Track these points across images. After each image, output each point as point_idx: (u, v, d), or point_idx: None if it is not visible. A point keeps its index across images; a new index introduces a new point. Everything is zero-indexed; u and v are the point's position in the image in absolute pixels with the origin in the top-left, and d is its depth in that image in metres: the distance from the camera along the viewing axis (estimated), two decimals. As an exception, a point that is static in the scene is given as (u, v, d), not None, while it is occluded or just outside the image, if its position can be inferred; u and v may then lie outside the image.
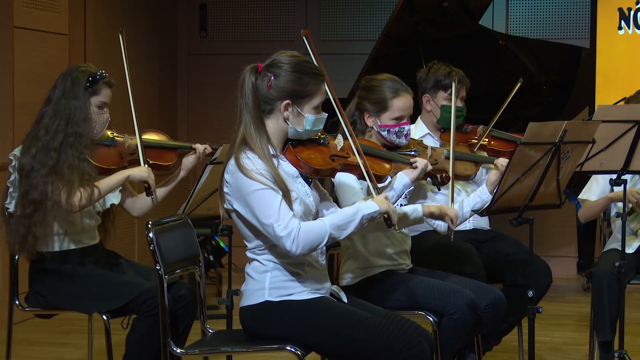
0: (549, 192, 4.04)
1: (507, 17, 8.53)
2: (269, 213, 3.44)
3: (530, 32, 8.36)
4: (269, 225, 3.44)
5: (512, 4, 8.53)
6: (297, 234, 3.43)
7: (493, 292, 4.23)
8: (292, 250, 3.45)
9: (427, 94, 5.10)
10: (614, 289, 4.77)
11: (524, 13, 8.53)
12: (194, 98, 9.14)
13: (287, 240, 3.43)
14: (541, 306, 4.07)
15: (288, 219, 3.44)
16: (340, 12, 8.72)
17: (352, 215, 3.53)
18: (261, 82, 3.55)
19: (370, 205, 3.54)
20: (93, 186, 4.25)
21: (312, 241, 3.46)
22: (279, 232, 3.43)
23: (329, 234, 3.49)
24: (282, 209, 3.45)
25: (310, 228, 3.47)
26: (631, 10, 7.17)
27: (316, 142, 3.69)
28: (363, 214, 3.53)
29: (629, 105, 4.99)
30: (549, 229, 8.06)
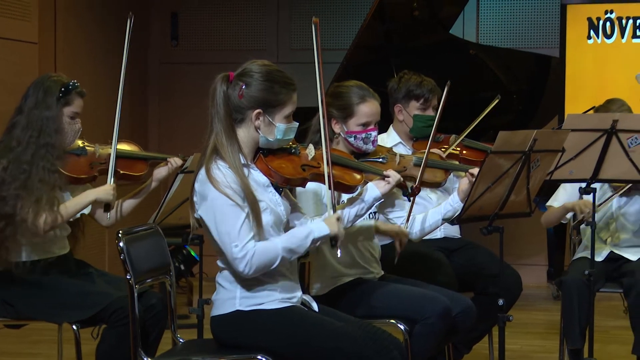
0: (519, 200, 4.06)
1: (478, 26, 8.57)
2: (229, 232, 3.45)
3: (500, 41, 8.40)
4: (227, 243, 3.46)
5: (482, 13, 8.57)
6: (251, 257, 3.46)
7: (463, 300, 4.24)
8: (244, 272, 3.47)
9: (398, 103, 5.11)
10: (584, 297, 4.79)
11: (494, 22, 8.57)
12: (165, 107, 9.12)
13: (240, 263, 3.46)
14: (511, 314, 4.09)
15: (246, 241, 3.46)
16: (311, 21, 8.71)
17: (304, 238, 3.57)
18: (232, 91, 3.55)
19: (322, 228, 3.58)
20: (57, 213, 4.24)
21: (264, 264, 3.49)
22: (235, 254, 3.45)
23: (281, 257, 3.52)
24: (243, 230, 3.46)
25: (265, 250, 3.49)
26: (600, 20, 7.22)
27: (287, 152, 3.69)
28: (314, 237, 3.58)
29: (598, 115, 5.03)
30: (519, 238, 8.09)
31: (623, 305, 5.12)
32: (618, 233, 5.23)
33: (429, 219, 4.29)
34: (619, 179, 4.82)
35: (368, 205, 3.90)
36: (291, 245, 3.55)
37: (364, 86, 4.28)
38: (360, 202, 3.88)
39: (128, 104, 8.63)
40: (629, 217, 5.21)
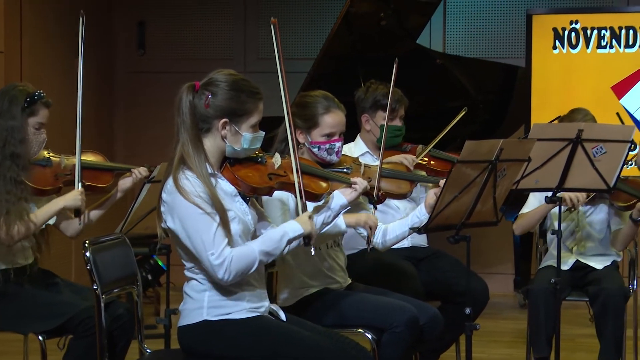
0: (485, 209, 4.07)
1: (444, 36, 8.61)
2: (204, 240, 3.44)
3: (467, 51, 8.44)
4: (202, 252, 3.45)
5: (449, 23, 8.61)
6: (229, 263, 3.45)
7: (430, 310, 4.25)
8: (224, 279, 3.47)
9: (366, 113, 5.12)
10: (550, 305, 4.82)
11: (461, 32, 8.61)
12: (131, 116, 9.08)
13: (219, 270, 3.45)
14: (478, 323, 4.10)
15: (221, 248, 3.45)
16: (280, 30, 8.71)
17: (279, 239, 3.57)
18: (199, 100, 3.54)
19: (295, 227, 3.59)
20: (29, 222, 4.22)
21: (243, 269, 3.49)
22: (213, 261, 3.44)
23: (258, 261, 3.52)
24: (217, 237, 3.45)
25: (242, 255, 3.49)
26: (565, 30, 7.27)
27: (254, 161, 3.70)
28: (289, 237, 3.58)
29: (564, 124, 5.06)
30: (486, 247, 8.13)
31: (589, 314, 5.15)
32: (584, 242, 5.27)
33: (395, 230, 4.30)
34: (584, 188, 4.85)
35: (335, 212, 3.90)
36: (267, 248, 3.55)
37: (329, 96, 4.29)
38: (326, 210, 3.88)
39: (94, 113, 8.59)
40: (594, 225, 5.25)
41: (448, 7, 8.57)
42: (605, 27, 7.23)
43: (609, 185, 4.61)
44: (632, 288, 5.30)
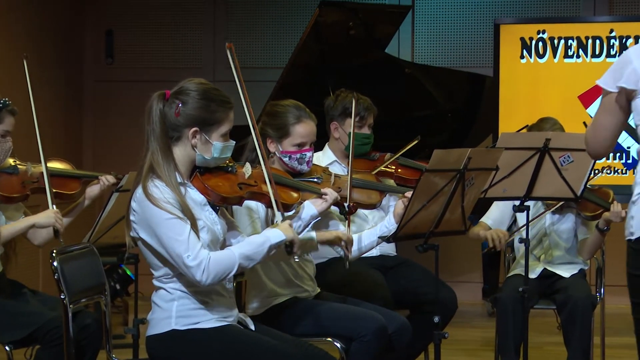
0: (454, 218, 4.08)
1: (413, 45, 8.64)
2: (178, 243, 3.43)
3: (435, 61, 8.47)
4: (178, 255, 3.43)
5: (417, 32, 8.64)
6: (207, 264, 3.43)
7: (399, 318, 4.26)
8: (202, 281, 3.44)
9: (334, 121, 5.13)
10: (518, 313, 4.84)
11: (429, 42, 8.64)
12: (100, 125, 9.05)
13: (197, 271, 3.43)
14: (447, 332, 4.12)
15: (197, 249, 3.43)
16: (248, 39, 8.73)
17: (260, 244, 3.55)
18: (169, 109, 3.54)
19: (277, 234, 3.57)
20: None
21: (222, 271, 3.47)
22: (189, 263, 3.42)
23: (238, 264, 3.50)
24: (191, 239, 3.44)
25: (221, 258, 3.47)
26: (532, 40, 7.31)
27: (224, 170, 3.69)
28: (271, 243, 3.56)
29: (531, 133, 5.09)
30: (454, 255, 8.15)
31: (557, 322, 5.18)
32: (551, 250, 5.30)
33: (364, 239, 4.31)
34: (551, 197, 4.88)
35: (305, 223, 3.91)
36: (247, 252, 3.53)
37: (300, 106, 4.29)
38: (297, 220, 3.90)
39: (63, 122, 8.56)
40: (561, 234, 5.28)
41: (416, 16, 8.61)
42: (572, 37, 7.28)
43: (576, 194, 4.64)
44: (599, 296, 5.33)
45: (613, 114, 3.31)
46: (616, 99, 3.28)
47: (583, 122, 7.02)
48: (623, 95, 3.27)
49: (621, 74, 3.26)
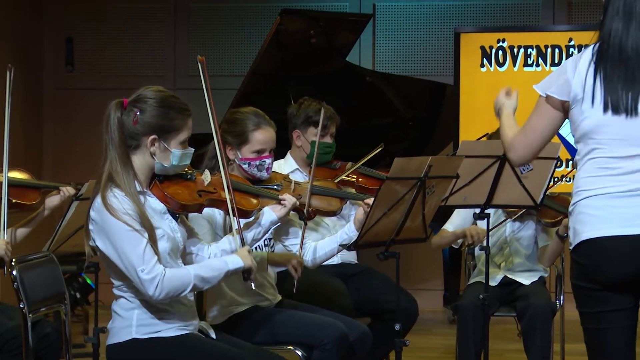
0: (415, 226, 4.10)
1: (374, 53, 8.66)
2: (133, 256, 3.42)
3: (396, 69, 8.50)
4: (133, 268, 3.42)
5: (378, 41, 8.67)
6: (161, 279, 3.43)
7: (360, 326, 4.27)
8: (155, 296, 3.44)
9: (297, 129, 5.14)
10: (479, 321, 4.86)
11: (390, 50, 8.67)
12: (60, 133, 8.99)
13: (150, 285, 3.42)
14: (408, 339, 4.12)
15: (152, 264, 3.42)
16: (209, 47, 8.71)
17: (218, 269, 3.58)
18: (127, 117, 3.52)
19: (235, 260, 3.60)
20: None
21: (175, 288, 3.47)
22: (143, 276, 3.41)
23: (192, 284, 3.51)
24: (147, 253, 3.43)
25: (176, 275, 3.47)
26: (492, 48, 7.36)
27: (183, 178, 3.68)
28: (229, 269, 3.59)
29: (491, 141, 5.10)
30: (415, 263, 8.17)
31: (517, 329, 5.20)
32: (511, 258, 5.32)
33: (324, 247, 4.32)
34: (512, 205, 4.91)
35: (265, 229, 3.91)
36: (204, 273, 3.54)
37: (259, 113, 4.29)
38: (256, 227, 3.90)
39: (22, 130, 8.49)
40: (522, 242, 5.31)
41: (377, 25, 8.64)
42: (532, 46, 7.33)
43: (536, 202, 4.67)
44: (559, 303, 5.36)
45: (544, 118, 3.39)
46: (547, 106, 3.36)
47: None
48: (557, 105, 3.32)
49: (553, 83, 3.32)
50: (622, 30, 3.25)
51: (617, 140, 3.24)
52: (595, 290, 3.26)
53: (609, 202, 3.22)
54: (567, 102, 3.32)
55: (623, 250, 3.20)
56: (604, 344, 3.29)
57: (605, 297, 3.25)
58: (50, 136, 9.03)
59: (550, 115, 3.37)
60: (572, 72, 3.30)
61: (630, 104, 3.23)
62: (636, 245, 3.19)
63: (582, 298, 3.32)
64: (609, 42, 3.27)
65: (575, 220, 3.30)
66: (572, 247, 3.30)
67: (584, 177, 3.30)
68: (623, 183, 3.22)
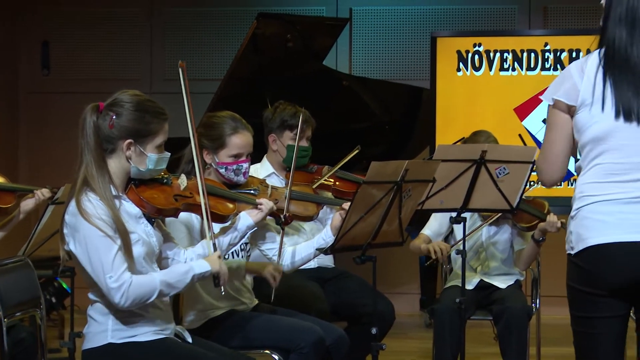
0: (391, 230, 4.10)
1: (351, 57, 8.67)
2: (103, 263, 3.41)
3: (373, 73, 8.51)
4: (101, 275, 3.42)
5: (355, 45, 8.68)
6: (127, 287, 3.42)
7: (336, 330, 4.27)
8: (120, 303, 3.43)
9: (273, 133, 5.13)
10: (455, 324, 4.87)
11: (367, 54, 8.68)
12: (35, 137, 8.96)
13: (116, 293, 3.41)
14: (384, 343, 4.13)
15: (120, 272, 3.42)
16: (186, 51, 8.70)
17: (183, 273, 3.57)
18: (103, 121, 3.51)
19: (202, 265, 3.59)
20: None
21: (141, 296, 3.46)
22: (110, 284, 3.41)
23: (159, 291, 3.50)
24: (116, 261, 3.42)
25: (142, 283, 3.46)
26: (469, 52, 7.37)
27: (159, 182, 3.68)
28: (195, 273, 3.58)
29: (467, 145, 5.13)
30: (392, 267, 8.17)
31: (493, 332, 5.21)
32: (488, 261, 5.34)
33: (301, 251, 4.31)
34: (488, 209, 4.93)
35: (241, 234, 3.91)
36: (170, 279, 3.53)
37: (237, 117, 4.29)
38: (233, 231, 3.89)
39: (-2, 133, 8.47)
40: (498, 245, 5.33)
41: (354, 29, 8.65)
42: (508, 50, 7.35)
43: (512, 206, 4.69)
44: (535, 307, 5.38)
45: (557, 127, 3.34)
46: (557, 113, 3.32)
47: (519, 134, 7.10)
48: (564, 109, 3.30)
49: (560, 88, 3.29)
50: (626, 39, 3.22)
51: (627, 146, 3.22)
52: (594, 295, 3.25)
53: (617, 208, 3.21)
54: (574, 107, 3.28)
55: (630, 256, 3.19)
56: (595, 349, 3.29)
57: (603, 302, 3.24)
58: (25, 140, 8.99)
59: (562, 121, 3.32)
60: (580, 77, 3.27)
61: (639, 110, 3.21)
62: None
63: (578, 302, 3.31)
64: (614, 49, 3.23)
65: (579, 225, 3.28)
66: (575, 251, 3.28)
67: (590, 182, 3.28)
68: (631, 190, 3.21)
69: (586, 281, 3.26)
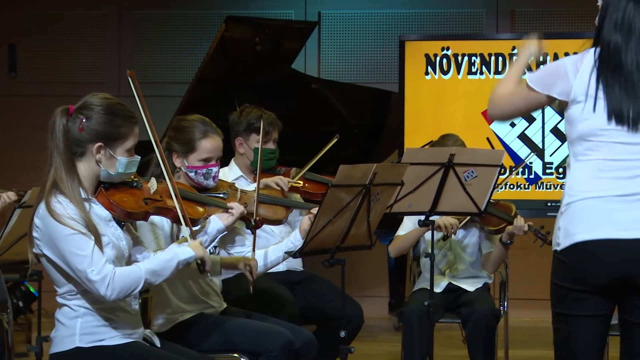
0: (360, 233, 4.11)
1: (319, 61, 8.68)
2: (81, 258, 3.39)
3: (341, 76, 8.52)
4: (82, 271, 3.39)
5: (323, 48, 8.69)
6: (112, 278, 3.40)
7: (305, 334, 4.27)
8: (107, 296, 3.40)
9: (239, 136, 5.14)
10: (424, 327, 4.88)
11: (336, 58, 8.70)
12: (2, 140, 8.89)
13: (101, 286, 3.39)
14: (353, 346, 4.13)
15: (102, 264, 3.40)
16: (154, 54, 8.68)
17: (168, 260, 3.54)
18: (72, 124, 3.50)
19: (186, 250, 3.56)
20: None
21: (127, 286, 3.44)
22: (93, 277, 3.38)
23: (144, 279, 3.47)
24: (95, 254, 3.40)
25: (126, 273, 3.45)
26: (437, 56, 7.40)
27: (129, 185, 3.66)
28: (179, 260, 3.55)
29: (436, 149, 5.15)
30: (361, 270, 8.18)
31: (461, 335, 5.23)
32: (456, 264, 5.36)
33: (270, 255, 4.31)
34: (456, 212, 4.94)
35: (211, 237, 3.91)
36: (155, 267, 3.51)
37: (207, 121, 4.28)
38: (203, 235, 3.89)
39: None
40: (466, 248, 5.35)
41: (323, 32, 8.66)
42: (476, 54, 7.38)
43: (480, 209, 4.71)
44: (503, 309, 5.41)
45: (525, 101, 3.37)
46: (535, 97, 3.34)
47: (486, 137, 7.12)
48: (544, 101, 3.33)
49: (554, 84, 3.30)
50: (621, 45, 3.24)
51: (617, 144, 3.24)
52: (579, 292, 3.26)
53: (607, 204, 3.22)
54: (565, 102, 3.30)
55: (619, 253, 3.20)
56: (574, 348, 3.31)
57: (586, 300, 3.26)
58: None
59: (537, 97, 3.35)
60: (574, 74, 3.29)
61: (632, 118, 3.22)
62: (632, 249, 3.19)
63: (562, 299, 3.32)
64: (609, 52, 3.26)
65: (568, 221, 3.29)
66: (561, 248, 3.29)
67: (580, 177, 3.29)
68: (622, 186, 3.22)
69: (573, 278, 3.26)
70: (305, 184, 5.07)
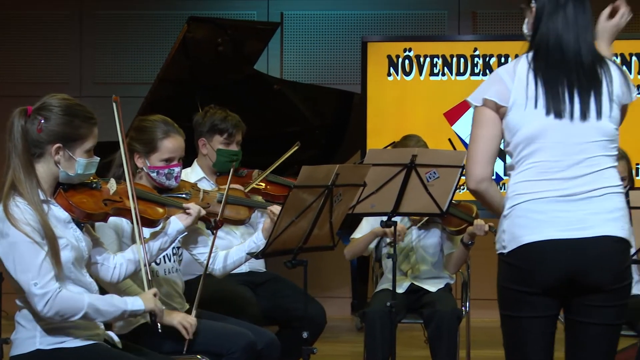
0: (322, 234, 4.11)
1: (282, 62, 8.68)
2: (28, 269, 3.37)
3: (304, 77, 8.52)
4: (25, 281, 3.38)
5: (286, 49, 8.68)
6: (53, 297, 3.38)
7: (267, 335, 4.27)
8: (43, 312, 3.39)
9: (203, 137, 5.12)
10: (386, 328, 4.89)
11: (298, 58, 8.69)
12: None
13: (40, 301, 3.37)
14: (316, 347, 4.13)
15: (47, 280, 3.38)
16: (116, 54, 8.64)
17: (115, 305, 3.56)
18: (31, 125, 3.47)
19: (137, 302, 3.59)
20: None
21: (65, 310, 3.42)
22: (34, 290, 3.37)
23: (84, 312, 3.46)
24: (43, 268, 3.38)
25: (69, 298, 3.43)
26: (399, 57, 7.42)
27: (88, 186, 3.64)
28: (126, 310, 3.57)
29: (398, 150, 5.15)
30: (323, 270, 8.18)
31: (424, 336, 5.25)
32: (418, 265, 5.37)
33: (232, 256, 4.31)
34: (418, 212, 4.96)
35: (171, 238, 3.89)
36: (99, 305, 3.50)
37: (168, 121, 4.27)
38: (163, 236, 3.87)
39: None
40: (428, 249, 5.36)
41: (285, 33, 8.65)
42: (438, 55, 7.42)
43: (441, 209, 4.72)
44: (465, 310, 5.43)
45: (486, 125, 3.33)
46: (485, 111, 3.33)
47: (448, 138, 7.16)
48: (493, 108, 3.32)
49: (490, 88, 3.32)
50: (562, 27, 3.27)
51: (560, 144, 3.25)
52: (526, 294, 3.27)
53: (550, 206, 3.23)
54: (504, 108, 3.30)
55: (565, 253, 3.21)
56: (524, 350, 3.32)
57: (535, 301, 3.27)
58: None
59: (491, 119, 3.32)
60: (511, 78, 3.29)
61: (572, 108, 3.25)
62: (576, 249, 3.21)
63: (509, 301, 3.33)
64: (548, 43, 3.28)
65: (513, 223, 3.29)
66: (507, 250, 3.30)
67: (523, 180, 3.30)
68: (564, 187, 3.24)
69: (519, 280, 3.28)
70: (267, 186, 5.06)
